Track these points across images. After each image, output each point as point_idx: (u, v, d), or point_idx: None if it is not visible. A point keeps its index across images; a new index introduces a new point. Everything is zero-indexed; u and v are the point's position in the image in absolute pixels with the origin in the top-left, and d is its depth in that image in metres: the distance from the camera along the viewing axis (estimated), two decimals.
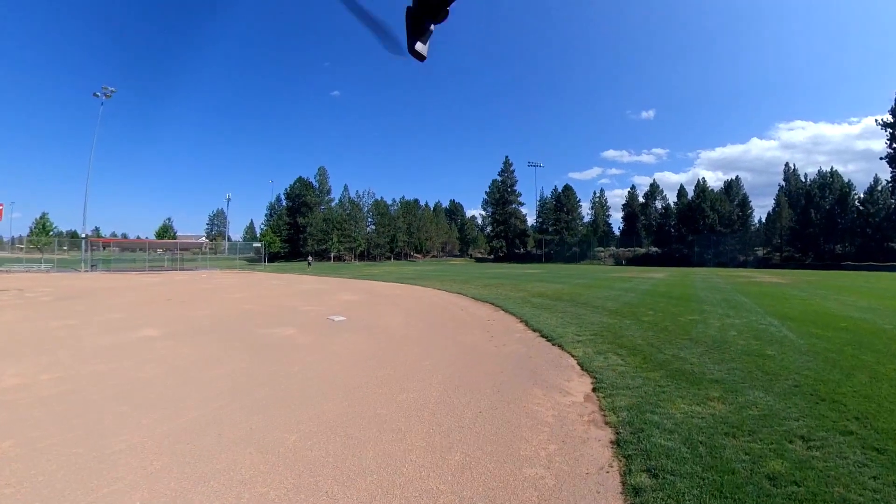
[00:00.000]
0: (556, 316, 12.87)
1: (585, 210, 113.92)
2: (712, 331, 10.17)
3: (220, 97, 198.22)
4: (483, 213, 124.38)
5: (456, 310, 15.56)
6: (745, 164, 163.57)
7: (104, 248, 60.33)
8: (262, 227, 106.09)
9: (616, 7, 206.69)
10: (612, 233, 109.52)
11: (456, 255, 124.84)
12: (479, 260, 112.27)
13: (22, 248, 69.23)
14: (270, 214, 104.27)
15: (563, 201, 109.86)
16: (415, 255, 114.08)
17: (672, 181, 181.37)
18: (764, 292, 21.58)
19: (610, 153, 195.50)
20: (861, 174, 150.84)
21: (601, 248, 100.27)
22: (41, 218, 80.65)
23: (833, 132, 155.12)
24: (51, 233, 75.66)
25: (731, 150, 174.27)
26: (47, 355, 8.15)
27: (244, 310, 15.37)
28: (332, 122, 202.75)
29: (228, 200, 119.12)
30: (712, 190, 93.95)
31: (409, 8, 1.93)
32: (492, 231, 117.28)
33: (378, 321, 13.02)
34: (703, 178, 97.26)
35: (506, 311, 14.52)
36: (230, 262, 68.54)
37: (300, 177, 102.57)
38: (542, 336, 10.15)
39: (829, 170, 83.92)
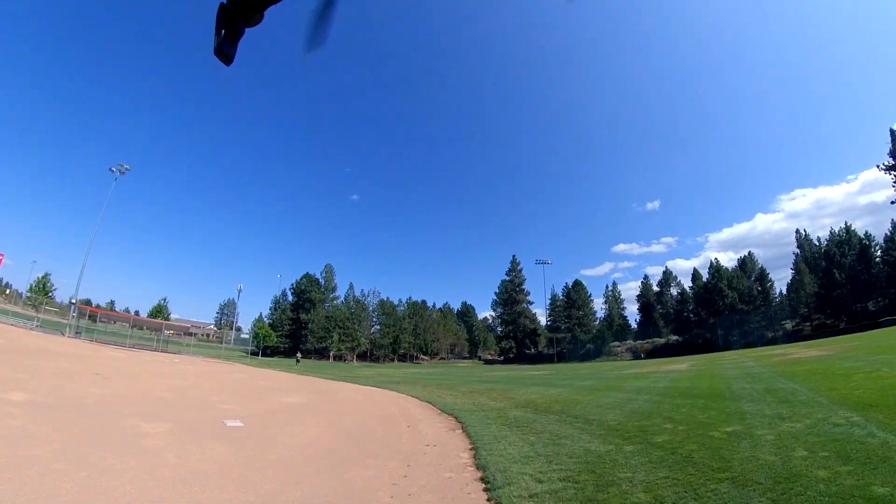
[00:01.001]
0: (526, 440, 8.85)
1: (599, 305, 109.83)
2: (766, 453, 6.13)
3: (241, 189, 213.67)
4: (493, 313, 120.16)
5: (401, 425, 11.83)
6: (755, 240, 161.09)
7: (92, 317, 57.46)
8: (267, 319, 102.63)
9: (613, 106, 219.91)
10: (629, 326, 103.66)
11: (465, 358, 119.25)
12: (488, 362, 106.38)
13: (9, 298, 69.53)
14: (275, 308, 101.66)
15: (573, 297, 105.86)
16: (421, 357, 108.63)
17: (684, 267, 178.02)
18: (812, 370, 17.06)
19: (620, 247, 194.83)
20: (872, 227, 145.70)
21: (617, 343, 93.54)
22: (42, 277, 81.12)
23: (833, 193, 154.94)
24: (50, 294, 77.10)
25: (738, 229, 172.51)
26: None
27: (151, 395, 13.15)
28: (346, 222, 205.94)
29: (239, 291, 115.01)
30: (727, 269, 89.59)
31: (222, 5, 1.72)
32: (501, 332, 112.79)
33: (283, 431, 9.92)
34: (716, 258, 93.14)
35: (464, 428, 10.66)
36: (229, 352, 65.75)
37: (307, 273, 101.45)
38: (483, 479, 6.24)
39: (842, 226, 79.54)
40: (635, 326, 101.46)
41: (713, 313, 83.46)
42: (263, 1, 1.72)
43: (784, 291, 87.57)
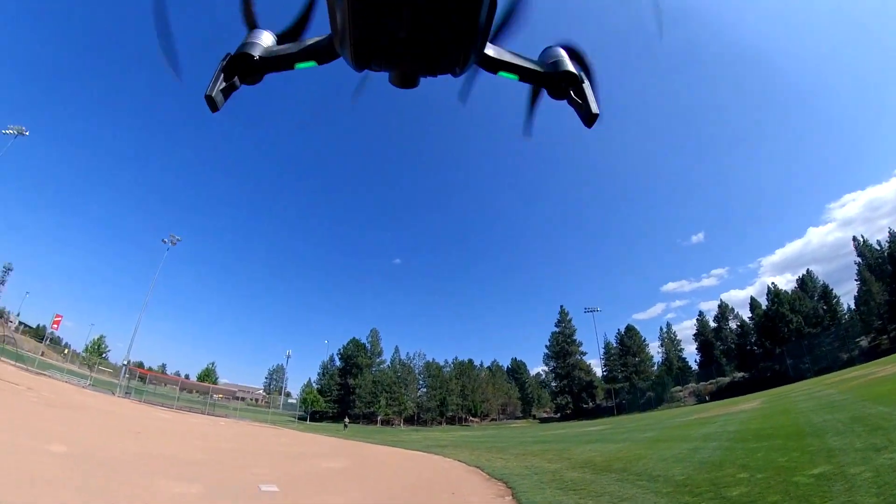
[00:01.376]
0: None
1: (654, 349, 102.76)
2: (866, 495, 5.13)
3: (288, 257, 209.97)
4: (546, 368, 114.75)
5: (445, 492, 10.99)
6: (811, 256, 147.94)
7: (142, 378, 60.50)
8: (316, 385, 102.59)
9: (645, 144, 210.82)
10: (689, 368, 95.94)
11: (518, 418, 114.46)
12: (543, 420, 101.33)
13: (66, 357, 72.08)
14: (323, 373, 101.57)
15: (627, 344, 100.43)
16: (471, 419, 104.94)
17: (740, 298, 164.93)
18: None
19: (670, 286, 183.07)
20: None
21: (679, 388, 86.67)
22: (97, 339, 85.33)
23: (884, 191, 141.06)
24: (104, 355, 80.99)
25: (791, 248, 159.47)
26: None
27: (189, 456, 12.98)
28: (390, 286, 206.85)
29: (288, 357, 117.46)
30: (786, 292, 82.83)
31: (228, 56, 1.81)
32: (556, 387, 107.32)
33: (320, 497, 9.66)
34: (773, 283, 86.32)
35: (515, 495, 9.73)
36: (277, 417, 66.07)
37: (353, 338, 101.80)
38: None
39: None
40: (695, 367, 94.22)
41: (778, 342, 76.82)
42: (263, 68, 1.83)
43: (852, 306, 78.77)
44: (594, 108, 1.91)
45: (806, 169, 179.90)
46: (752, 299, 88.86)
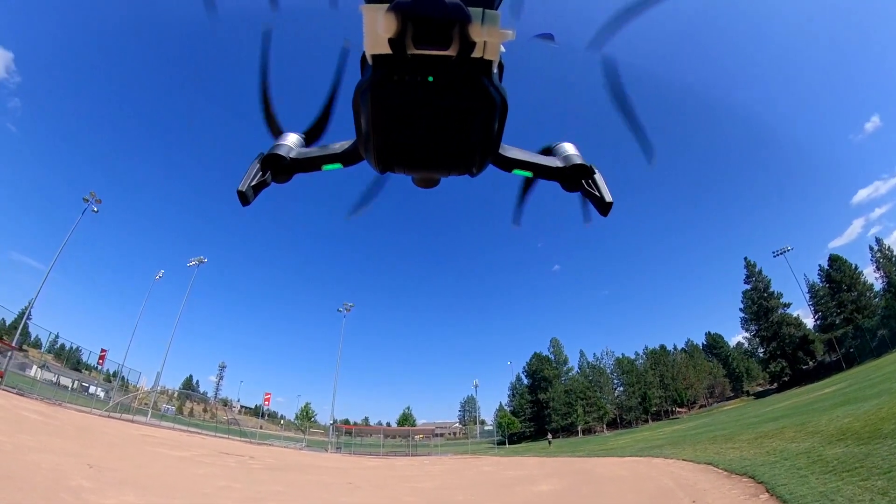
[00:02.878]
0: (873, 488, 6.06)
1: (870, 276, 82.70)
2: None
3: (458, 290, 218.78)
4: (746, 334, 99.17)
5: (684, 501, 9.41)
6: None
7: (348, 433, 67.83)
8: (508, 407, 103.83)
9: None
10: None
11: (728, 398, 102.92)
12: (759, 395, 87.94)
13: (282, 426, 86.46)
14: (513, 395, 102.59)
15: (835, 278, 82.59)
16: (677, 410, 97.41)
17: None
18: None
19: (861, 194, 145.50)
20: None
21: None
22: (305, 406, 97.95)
23: None
24: (312, 418, 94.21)
25: None
26: None
27: (398, 501, 13.54)
28: (558, 292, 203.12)
29: (476, 387, 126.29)
30: None
31: (261, 155, 1.95)
32: (764, 353, 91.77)
33: None
34: None
35: (771, 490, 7.88)
36: (476, 446, 68.05)
37: (535, 352, 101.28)
38: None
39: None
40: None
41: None
42: (293, 168, 1.96)
43: None
44: (608, 196, 1.93)
45: None
46: None
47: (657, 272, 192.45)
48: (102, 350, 64.54)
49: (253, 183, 1.86)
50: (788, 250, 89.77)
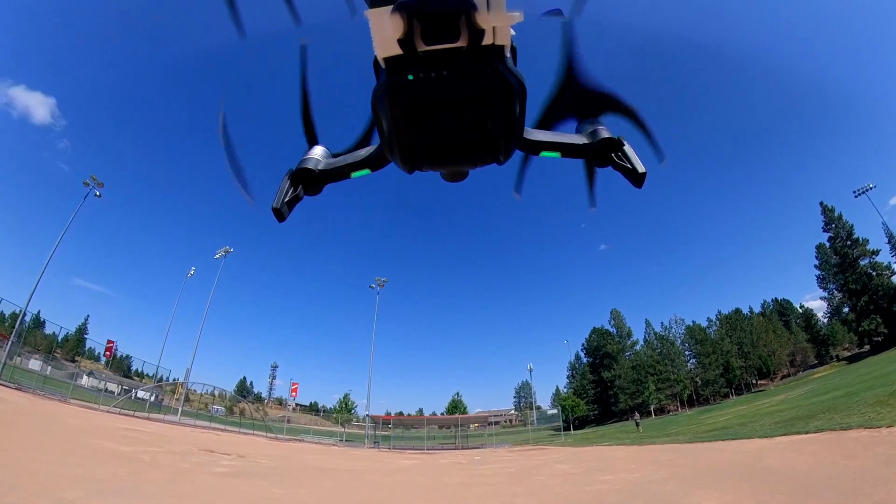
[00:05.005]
0: None
1: None
2: None
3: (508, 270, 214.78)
4: (824, 294, 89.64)
5: None
6: None
7: (385, 424, 59.39)
8: (566, 389, 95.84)
9: None
10: None
11: (813, 366, 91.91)
12: (851, 359, 76.27)
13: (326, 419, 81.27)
14: (572, 375, 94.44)
15: None
16: (759, 382, 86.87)
17: None
18: None
19: None
20: None
21: None
22: (344, 397, 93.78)
23: None
24: (352, 410, 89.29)
25: None
26: None
27: None
28: (604, 272, 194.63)
29: (531, 371, 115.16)
30: None
31: (291, 171, 2.01)
32: (850, 311, 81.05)
33: None
34: None
35: None
36: (536, 433, 59.55)
37: (594, 327, 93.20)
38: None
39: None
40: None
41: None
42: (323, 180, 2.00)
43: None
44: (640, 167, 1.89)
45: None
46: None
47: (705, 240, 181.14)
48: (109, 342, 61.35)
49: (286, 199, 1.91)
50: (871, 187, 76.53)
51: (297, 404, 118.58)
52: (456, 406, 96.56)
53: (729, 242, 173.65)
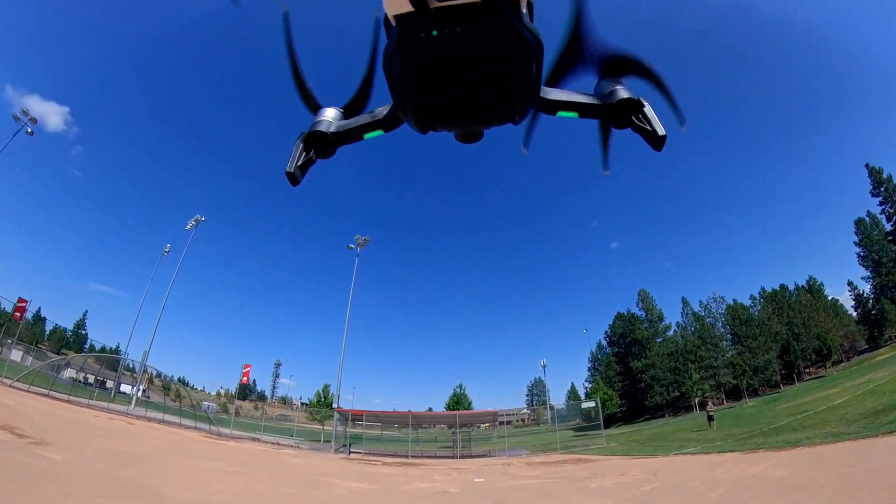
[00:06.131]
0: None
1: None
2: None
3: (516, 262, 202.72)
4: (868, 272, 78.01)
5: None
6: None
7: (356, 420, 43.09)
8: (586, 385, 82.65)
9: None
10: None
11: (863, 351, 79.35)
12: None
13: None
14: (594, 367, 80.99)
15: None
16: (811, 370, 73.20)
17: None
18: None
19: None
20: None
21: None
22: (324, 389, 71.29)
23: None
24: (332, 405, 70.12)
25: None
26: None
27: None
28: (617, 270, 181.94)
29: (544, 367, 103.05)
30: None
31: (302, 134, 1.98)
32: None
33: None
34: None
35: None
36: (551, 436, 45.73)
37: (618, 312, 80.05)
38: None
39: None
40: None
41: None
42: (335, 142, 1.96)
43: None
44: (660, 130, 1.84)
45: None
46: None
47: (723, 224, 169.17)
48: (21, 300, 49.60)
49: (299, 163, 1.87)
50: None
51: (302, 402, 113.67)
52: (458, 401, 74.43)
53: (752, 223, 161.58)
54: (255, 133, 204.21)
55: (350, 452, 33.51)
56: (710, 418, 32.55)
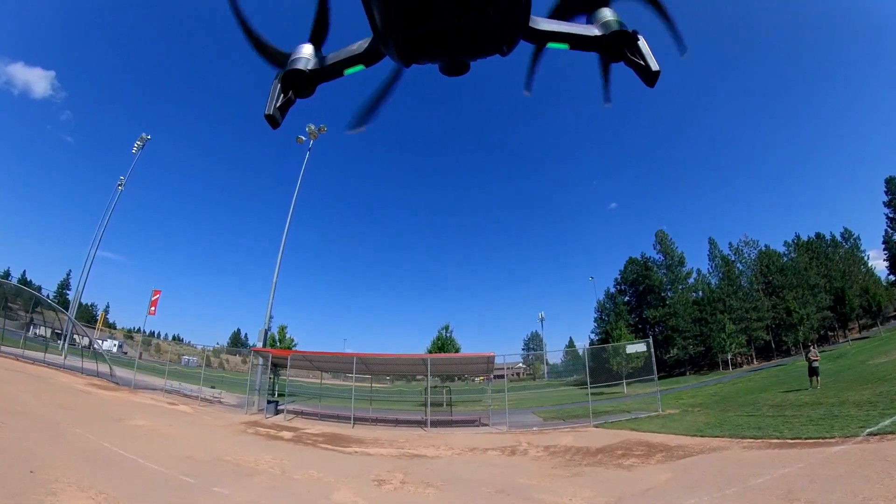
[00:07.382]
0: None
1: None
2: None
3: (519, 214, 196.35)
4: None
5: None
6: None
7: (277, 364, 29.33)
8: (591, 337, 71.25)
9: None
10: None
11: (891, 317, 68.68)
12: None
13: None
14: (601, 317, 68.96)
15: None
16: (846, 331, 63.16)
17: None
18: None
19: None
20: None
21: None
22: (280, 331, 55.76)
23: None
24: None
25: None
26: None
27: None
28: (615, 232, 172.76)
29: (542, 320, 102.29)
30: None
31: (279, 74, 1.91)
32: None
33: None
34: None
35: None
36: (560, 394, 36.38)
37: (631, 257, 69.23)
38: None
39: None
40: None
41: None
42: (315, 79, 1.86)
43: None
44: (654, 65, 1.79)
45: None
46: None
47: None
48: None
49: (278, 104, 1.79)
50: None
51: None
52: (443, 348, 55.45)
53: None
54: (241, 77, 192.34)
55: (277, 412, 24.29)
56: (814, 371, 20.93)
